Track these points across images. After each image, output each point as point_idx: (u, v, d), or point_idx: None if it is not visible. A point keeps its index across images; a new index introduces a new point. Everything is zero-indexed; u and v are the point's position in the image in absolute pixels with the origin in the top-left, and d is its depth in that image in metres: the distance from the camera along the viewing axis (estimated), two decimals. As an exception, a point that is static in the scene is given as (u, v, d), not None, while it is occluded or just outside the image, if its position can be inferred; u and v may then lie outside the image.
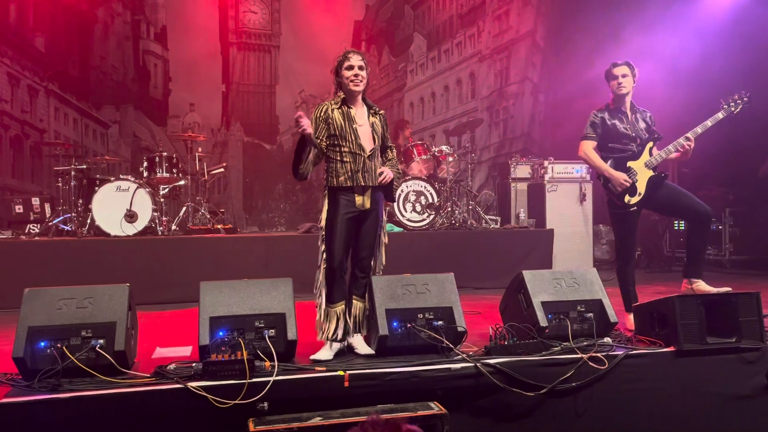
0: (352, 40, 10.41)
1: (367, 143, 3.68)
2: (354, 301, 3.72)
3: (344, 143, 3.63)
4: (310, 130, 3.52)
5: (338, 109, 3.66)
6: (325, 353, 3.53)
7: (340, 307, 3.64)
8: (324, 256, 3.66)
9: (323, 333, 3.62)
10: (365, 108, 3.76)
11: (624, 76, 4.26)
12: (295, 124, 3.49)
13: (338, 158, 3.64)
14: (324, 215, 3.69)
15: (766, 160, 7.69)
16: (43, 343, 3.05)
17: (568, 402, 3.41)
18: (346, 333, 3.65)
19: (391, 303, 3.53)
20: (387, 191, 3.82)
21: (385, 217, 3.89)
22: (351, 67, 3.62)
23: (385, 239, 3.86)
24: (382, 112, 3.85)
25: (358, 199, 3.65)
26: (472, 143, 8.50)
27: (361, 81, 3.63)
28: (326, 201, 3.70)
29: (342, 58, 3.66)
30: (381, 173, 3.70)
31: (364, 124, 3.70)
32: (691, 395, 3.58)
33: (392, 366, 3.26)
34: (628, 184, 4.22)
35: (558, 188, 7.72)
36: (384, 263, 3.86)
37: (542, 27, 10.75)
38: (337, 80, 3.73)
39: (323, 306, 3.66)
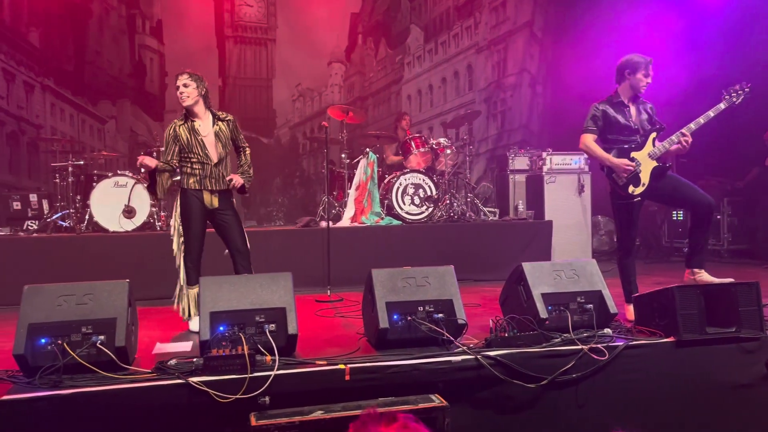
0: (348, 33, 10.37)
1: (213, 152, 4.22)
2: None
3: (192, 155, 4.18)
4: (152, 165, 4.17)
5: (183, 125, 4.19)
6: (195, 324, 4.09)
7: (195, 290, 4.20)
8: (182, 246, 4.29)
9: (186, 312, 4.31)
10: (210, 117, 4.25)
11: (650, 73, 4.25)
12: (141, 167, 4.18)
13: (189, 165, 4.21)
14: (179, 212, 4.27)
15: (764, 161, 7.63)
16: (43, 340, 3.05)
17: (569, 393, 3.42)
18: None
19: (391, 296, 3.53)
20: (240, 188, 4.35)
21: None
22: (177, 87, 4.14)
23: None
24: (229, 118, 4.33)
25: (207, 198, 4.23)
26: (470, 135, 8.47)
27: (188, 97, 4.12)
28: (179, 199, 4.26)
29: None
30: (230, 180, 4.24)
31: (209, 134, 4.22)
32: (691, 385, 3.59)
33: (393, 359, 3.26)
34: (631, 169, 4.20)
35: (556, 180, 7.72)
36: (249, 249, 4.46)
37: (540, 18, 10.71)
38: None
39: (184, 289, 4.33)
